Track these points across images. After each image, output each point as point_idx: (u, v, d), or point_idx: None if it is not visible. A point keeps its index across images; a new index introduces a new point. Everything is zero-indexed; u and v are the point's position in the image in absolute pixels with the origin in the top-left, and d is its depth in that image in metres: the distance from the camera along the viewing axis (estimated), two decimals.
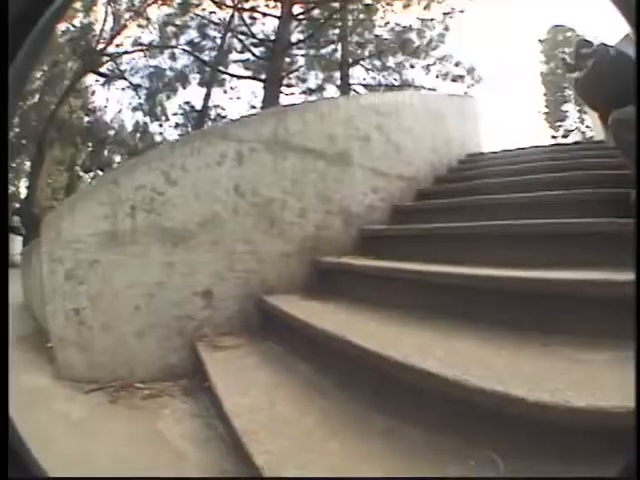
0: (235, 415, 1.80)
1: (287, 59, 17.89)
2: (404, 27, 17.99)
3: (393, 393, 1.65)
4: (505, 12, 39.80)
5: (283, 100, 17.35)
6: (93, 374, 2.74)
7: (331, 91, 18.47)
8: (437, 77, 18.59)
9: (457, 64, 18.38)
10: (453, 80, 18.40)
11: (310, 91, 18.44)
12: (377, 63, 18.66)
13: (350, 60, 18.29)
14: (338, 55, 18.40)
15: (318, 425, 1.66)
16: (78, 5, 16.56)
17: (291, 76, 18.36)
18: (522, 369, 1.41)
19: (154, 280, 2.77)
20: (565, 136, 23.08)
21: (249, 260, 3.01)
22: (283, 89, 17.59)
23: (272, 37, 17.69)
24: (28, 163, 17.66)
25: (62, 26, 15.95)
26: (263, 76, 17.47)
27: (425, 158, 4.75)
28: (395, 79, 18.68)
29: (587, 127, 20.25)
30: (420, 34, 18.27)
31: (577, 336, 1.58)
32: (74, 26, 16.82)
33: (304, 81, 18.54)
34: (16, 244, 10.48)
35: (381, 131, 4.04)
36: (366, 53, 18.53)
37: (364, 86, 18.43)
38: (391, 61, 18.35)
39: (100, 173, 18.45)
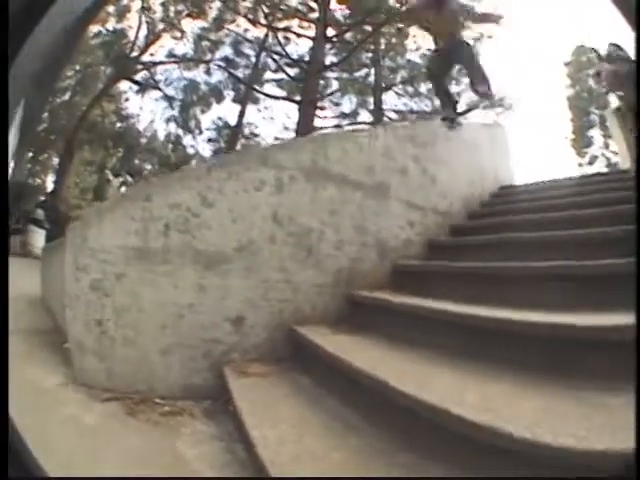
0: (262, 446, 1.78)
1: (321, 81, 17.92)
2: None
3: (422, 432, 1.65)
4: (531, 36, 39.39)
5: (317, 123, 17.38)
6: (111, 384, 2.73)
7: (364, 116, 18.46)
8: (468, 105, 18.56)
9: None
10: (484, 107, 18.33)
11: (344, 115, 18.38)
12: (409, 89, 18.65)
13: (383, 85, 18.31)
14: (371, 79, 18.44)
15: (346, 461, 1.65)
16: (111, 9, 16.89)
17: (325, 99, 18.33)
18: (549, 413, 1.46)
19: (185, 301, 2.74)
20: (591, 163, 22.64)
21: (283, 289, 2.96)
22: (317, 112, 17.58)
23: (306, 58, 17.85)
24: (56, 159, 17.99)
25: (94, 28, 16.28)
26: (297, 97, 17.55)
27: (459, 191, 4.67)
28: (426, 105, 18.67)
29: (612, 152, 19.84)
30: None
31: (596, 380, 1.60)
32: (107, 30, 17.16)
33: (338, 105, 18.52)
34: (38, 237, 10.61)
35: (417, 162, 3.98)
36: (398, 78, 18.55)
37: (396, 112, 18.40)
38: (423, 87, 18.30)
39: (129, 179, 18.76)
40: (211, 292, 2.77)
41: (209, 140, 19.22)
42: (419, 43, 17.88)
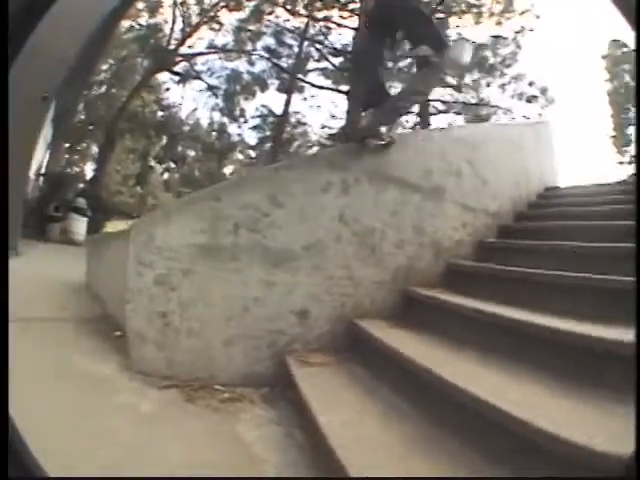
0: (328, 428, 1.94)
1: None
2: (479, 44, 17.74)
3: (468, 422, 1.82)
4: (571, 28, 38.24)
5: None
6: (170, 372, 2.86)
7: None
8: (512, 97, 18.26)
9: (531, 84, 18.09)
10: (528, 101, 18.03)
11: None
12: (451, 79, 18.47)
13: None
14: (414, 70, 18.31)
15: (402, 443, 1.86)
16: (141, 5, 17.14)
17: None
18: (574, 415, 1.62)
19: (251, 295, 2.88)
20: (631, 162, 21.94)
21: (346, 285, 3.09)
22: None
23: (349, 47, 17.83)
24: (95, 149, 18.52)
25: (126, 24, 16.59)
26: (343, 87, 17.53)
27: (507, 192, 4.66)
28: (472, 97, 18.47)
29: None
30: (494, 50, 17.98)
31: (614, 390, 1.69)
32: (140, 25, 17.45)
33: None
34: (80, 224, 10.87)
35: (470, 165, 4.00)
36: None
37: (443, 102, 18.26)
38: (467, 78, 18.13)
39: (172, 165, 19.15)
40: (278, 288, 2.90)
41: (254, 128, 19.41)
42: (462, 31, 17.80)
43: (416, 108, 17.76)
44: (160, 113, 18.93)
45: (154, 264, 2.84)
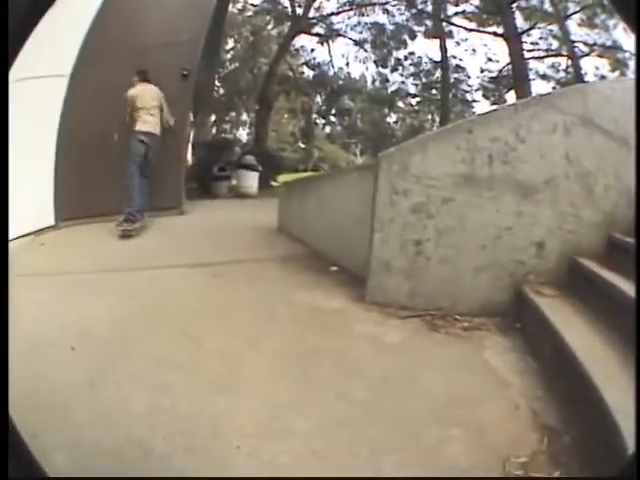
0: (576, 348, 2.07)
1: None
2: None
3: None
4: None
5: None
6: (410, 302, 3.07)
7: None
8: None
9: None
10: None
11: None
12: (584, 18, 16.83)
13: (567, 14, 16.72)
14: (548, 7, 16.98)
15: None
16: None
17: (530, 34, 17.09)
18: None
19: (504, 224, 3.08)
20: None
21: (572, 222, 3.20)
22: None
23: None
24: (245, 117, 19.88)
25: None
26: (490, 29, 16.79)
27: None
28: (607, 39, 16.74)
29: None
30: None
31: None
32: (253, 5, 18.03)
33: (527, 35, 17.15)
34: (252, 178, 11.69)
35: None
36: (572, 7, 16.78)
37: (584, 44, 16.83)
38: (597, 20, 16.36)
39: (333, 119, 19.99)
40: (524, 218, 3.10)
41: (413, 75, 19.36)
42: None
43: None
44: (311, 73, 19.63)
45: (409, 192, 3.08)
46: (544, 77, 17.66)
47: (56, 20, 4.58)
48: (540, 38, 17.34)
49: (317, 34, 18.59)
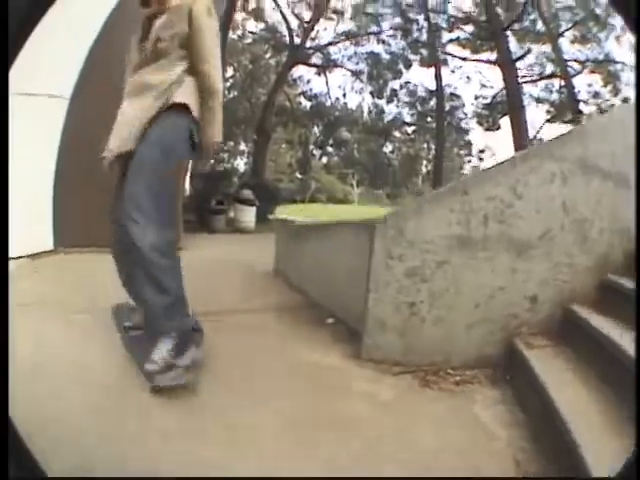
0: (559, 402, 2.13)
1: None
2: None
3: None
4: None
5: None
6: (405, 358, 3.08)
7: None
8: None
9: None
10: None
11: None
12: (577, 34, 17.16)
13: (559, 32, 17.02)
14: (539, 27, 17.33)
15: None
16: (241, 16, 18.03)
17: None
18: None
19: (498, 284, 3.09)
20: None
21: (566, 272, 3.22)
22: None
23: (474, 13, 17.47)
24: (243, 147, 20.09)
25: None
26: (481, 56, 17.09)
27: None
28: (599, 53, 17.01)
29: None
30: None
31: None
32: (251, 32, 18.30)
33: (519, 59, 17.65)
34: (249, 213, 11.71)
35: None
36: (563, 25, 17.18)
37: (576, 62, 17.11)
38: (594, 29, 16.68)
39: (330, 149, 20.25)
40: (518, 275, 3.10)
41: (407, 104, 19.68)
42: None
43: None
44: (308, 104, 19.90)
45: (404, 257, 3.10)
46: (538, 100, 17.94)
47: (58, 41, 4.66)
48: (534, 62, 17.61)
49: (314, 65, 18.90)
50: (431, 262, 3.08)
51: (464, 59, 18.32)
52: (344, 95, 20.07)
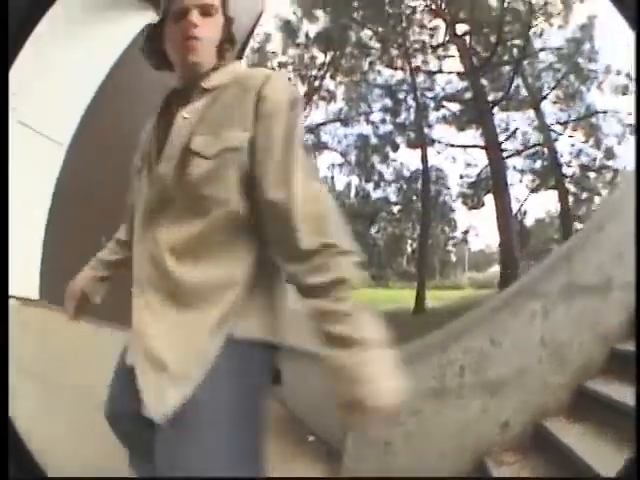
0: None
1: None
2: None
3: None
4: None
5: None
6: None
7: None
8: (613, 93, 16.94)
9: (618, 73, 16.62)
10: (623, 93, 16.46)
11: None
12: (559, 94, 17.83)
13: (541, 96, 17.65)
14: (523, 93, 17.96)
15: None
16: None
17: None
18: None
19: (467, 425, 3.21)
20: None
21: (539, 393, 3.29)
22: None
23: (459, 88, 18.24)
24: None
25: None
26: (469, 134, 17.76)
27: None
28: (580, 107, 17.55)
29: None
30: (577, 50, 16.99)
31: None
32: None
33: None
34: None
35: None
36: (545, 86, 17.88)
37: (559, 124, 17.70)
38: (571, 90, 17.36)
39: None
40: (491, 413, 3.21)
41: (396, 188, 19.96)
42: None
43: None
44: None
45: None
46: (522, 172, 18.19)
47: (65, 86, 4.65)
48: (518, 131, 17.84)
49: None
50: (404, 410, 3.09)
51: (452, 145, 18.70)
52: (332, 178, 20.38)
